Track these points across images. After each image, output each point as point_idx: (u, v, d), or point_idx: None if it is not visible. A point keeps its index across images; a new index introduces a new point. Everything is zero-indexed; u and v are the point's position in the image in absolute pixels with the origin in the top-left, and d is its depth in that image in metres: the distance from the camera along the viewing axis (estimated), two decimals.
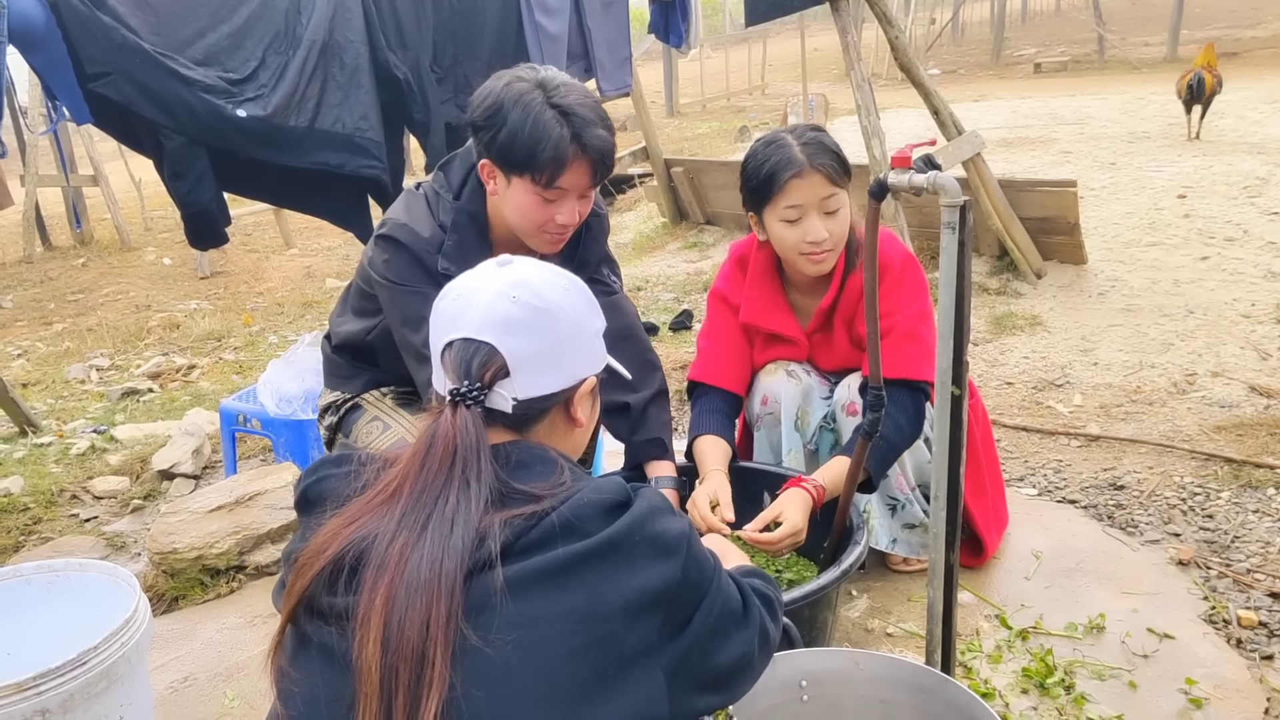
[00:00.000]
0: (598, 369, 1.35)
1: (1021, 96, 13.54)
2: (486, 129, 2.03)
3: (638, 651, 1.11)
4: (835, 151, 2.38)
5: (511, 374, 1.23)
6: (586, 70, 5.05)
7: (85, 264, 8.77)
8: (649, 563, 1.13)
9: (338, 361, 2.49)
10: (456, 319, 1.26)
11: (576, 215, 2.13)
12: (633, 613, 1.10)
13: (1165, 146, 8.66)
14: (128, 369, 5.68)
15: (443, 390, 1.25)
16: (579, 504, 1.14)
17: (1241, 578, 2.63)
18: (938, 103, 4.82)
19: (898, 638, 2.49)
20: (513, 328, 1.24)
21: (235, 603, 2.92)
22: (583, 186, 2.09)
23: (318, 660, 1.13)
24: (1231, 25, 19.03)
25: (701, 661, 1.18)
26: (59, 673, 1.75)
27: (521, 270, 1.31)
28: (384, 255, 2.18)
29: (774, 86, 19.54)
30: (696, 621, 1.17)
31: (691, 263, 6.66)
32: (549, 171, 2.01)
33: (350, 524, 1.15)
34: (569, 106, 2.00)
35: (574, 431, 1.34)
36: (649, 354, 2.48)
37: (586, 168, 2.05)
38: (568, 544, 1.11)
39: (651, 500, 1.19)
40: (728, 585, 1.24)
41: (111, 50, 3.30)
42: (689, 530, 1.20)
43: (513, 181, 2.06)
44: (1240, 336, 4.31)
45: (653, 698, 1.12)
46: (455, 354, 1.24)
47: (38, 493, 3.77)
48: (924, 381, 2.37)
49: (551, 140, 1.98)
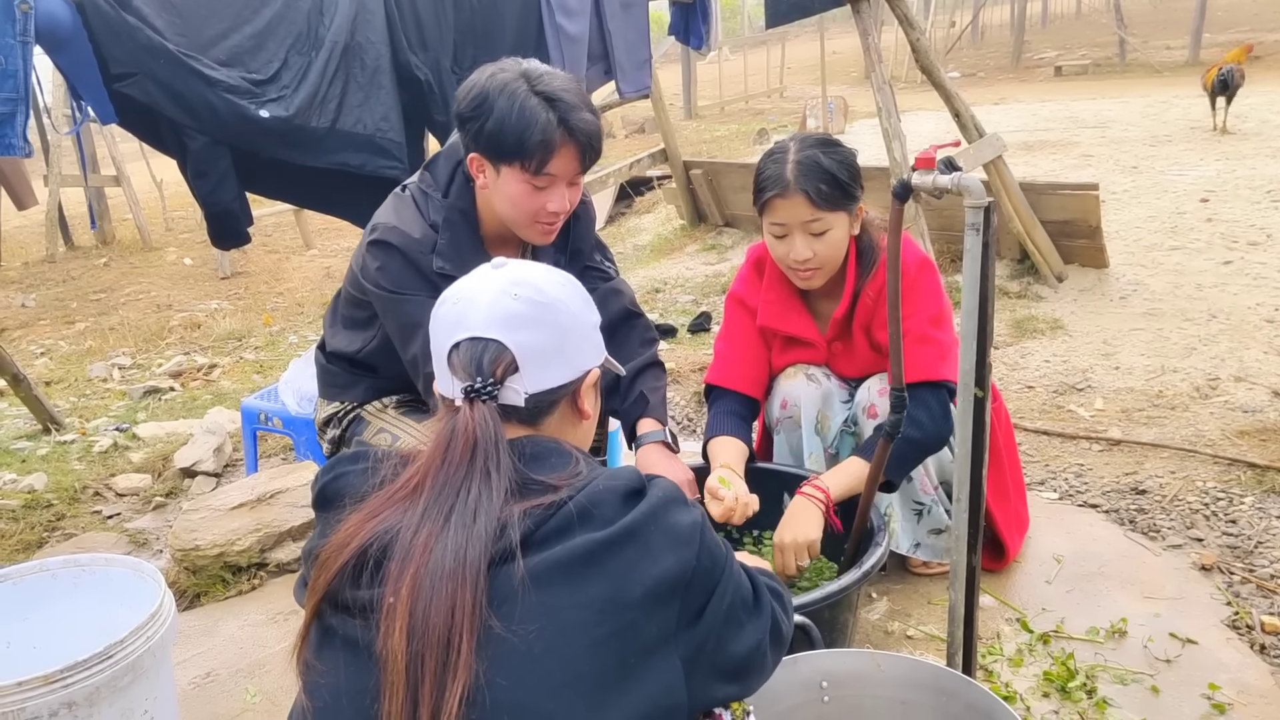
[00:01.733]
0: (599, 361, 1.38)
1: (1042, 100, 13.49)
2: (474, 120, 2.03)
3: (657, 640, 1.12)
4: (830, 173, 2.30)
5: (520, 369, 1.25)
6: (606, 72, 5.05)
7: (107, 264, 8.84)
8: (666, 551, 1.14)
9: (334, 370, 2.44)
10: (460, 320, 1.28)
11: (567, 203, 2.12)
12: (652, 601, 1.12)
13: (1187, 150, 8.61)
14: (149, 368, 5.71)
15: (450, 392, 1.26)
16: (595, 491, 1.16)
17: (1265, 584, 2.61)
18: (959, 105, 4.81)
19: (918, 640, 2.49)
20: (518, 323, 1.26)
21: (257, 600, 2.94)
22: (572, 172, 2.08)
23: (343, 653, 1.14)
24: (1255, 29, 18.88)
25: (717, 649, 1.19)
26: (85, 666, 1.76)
27: (519, 269, 1.33)
28: (377, 262, 2.16)
29: (793, 89, 19.51)
30: (711, 609, 1.18)
31: (710, 265, 6.66)
32: (538, 157, 2.01)
33: (372, 518, 1.17)
34: (554, 92, 2.00)
35: (581, 424, 1.37)
36: (649, 332, 2.51)
37: (575, 152, 2.04)
38: (585, 531, 1.13)
39: (665, 489, 1.20)
40: (739, 574, 1.26)
41: (136, 51, 3.32)
42: (701, 519, 1.21)
43: (502, 172, 2.06)
44: (1263, 341, 4.28)
45: (672, 686, 1.13)
46: (464, 353, 1.26)
47: (61, 490, 3.80)
48: (944, 381, 2.36)
49: (539, 125, 1.98)
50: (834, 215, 2.35)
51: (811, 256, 2.38)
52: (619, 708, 1.08)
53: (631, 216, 9.08)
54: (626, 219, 9.04)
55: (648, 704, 1.11)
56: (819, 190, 2.30)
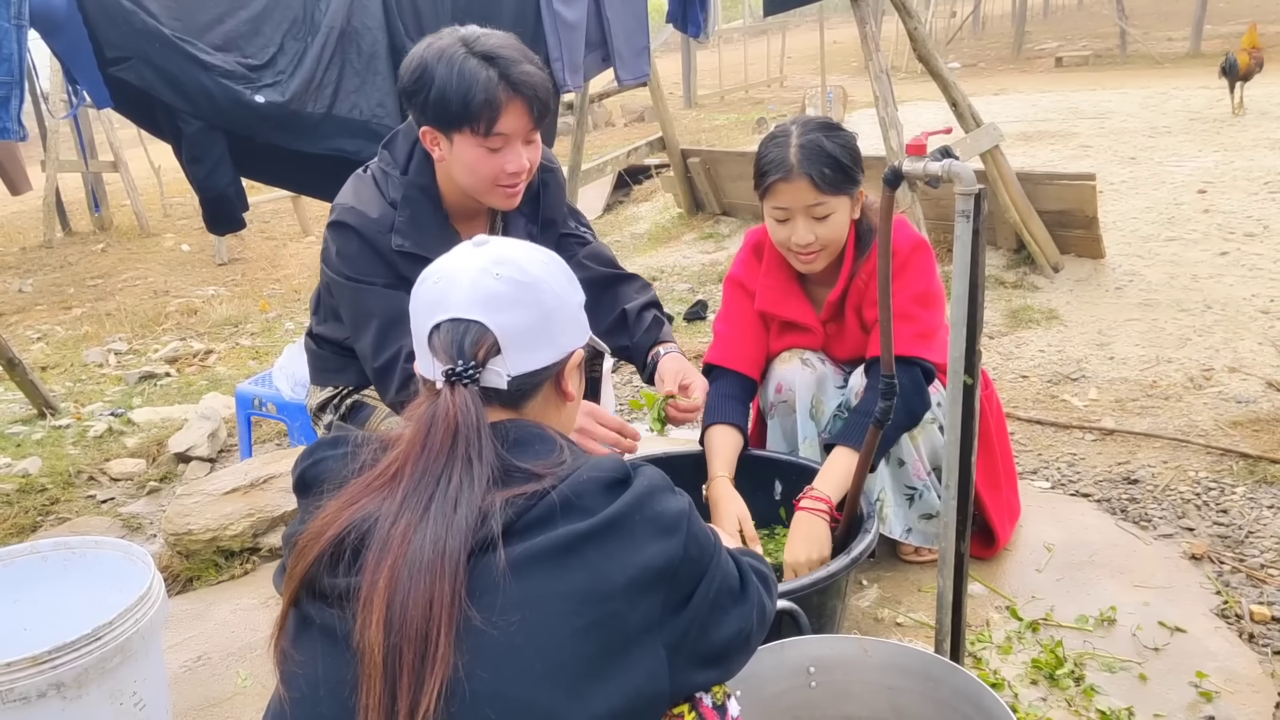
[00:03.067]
0: (583, 341, 1.36)
1: (1042, 90, 13.46)
2: (417, 92, 2.01)
3: (640, 629, 1.12)
4: (833, 157, 2.31)
5: (503, 350, 1.23)
6: (604, 59, 5.03)
7: (104, 249, 8.83)
8: (651, 540, 1.14)
9: (324, 355, 2.40)
10: (441, 300, 1.26)
11: (525, 161, 2.08)
12: (636, 590, 1.11)
13: (1186, 141, 8.60)
14: (145, 353, 5.72)
15: (431, 374, 1.24)
16: (578, 481, 1.15)
17: (1255, 573, 2.61)
18: (956, 95, 4.80)
19: (907, 627, 2.49)
20: (500, 304, 1.24)
21: (249, 584, 2.94)
22: (524, 129, 2.04)
23: (320, 642, 1.13)
24: (1258, 19, 18.77)
25: (701, 637, 1.18)
26: (74, 647, 1.77)
27: (501, 248, 1.31)
28: (334, 245, 2.15)
29: (792, 78, 19.47)
30: (697, 598, 1.18)
31: (707, 253, 6.66)
32: (485, 118, 1.98)
33: (349, 506, 1.16)
34: (491, 50, 1.98)
35: (565, 406, 1.35)
36: (643, 282, 2.51)
37: (523, 107, 2.01)
38: (568, 522, 1.12)
39: (651, 478, 1.19)
40: (726, 562, 1.25)
41: (131, 35, 3.31)
42: (689, 507, 1.20)
43: (455, 140, 2.03)
44: (1258, 332, 4.28)
45: (654, 673, 1.13)
46: (445, 335, 1.24)
47: (55, 474, 3.80)
48: (918, 359, 2.35)
49: (480, 85, 1.95)
50: (836, 199, 2.35)
51: (813, 240, 2.38)
52: (601, 696, 1.08)
53: (629, 205, 9.07)
54: (624, 207, 9.03)
55: (630, 691, 1.10)
56: (823, 174, 2.30)
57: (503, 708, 1.05)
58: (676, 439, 3.84)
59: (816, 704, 1.80)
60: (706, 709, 1.24)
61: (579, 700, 1.06)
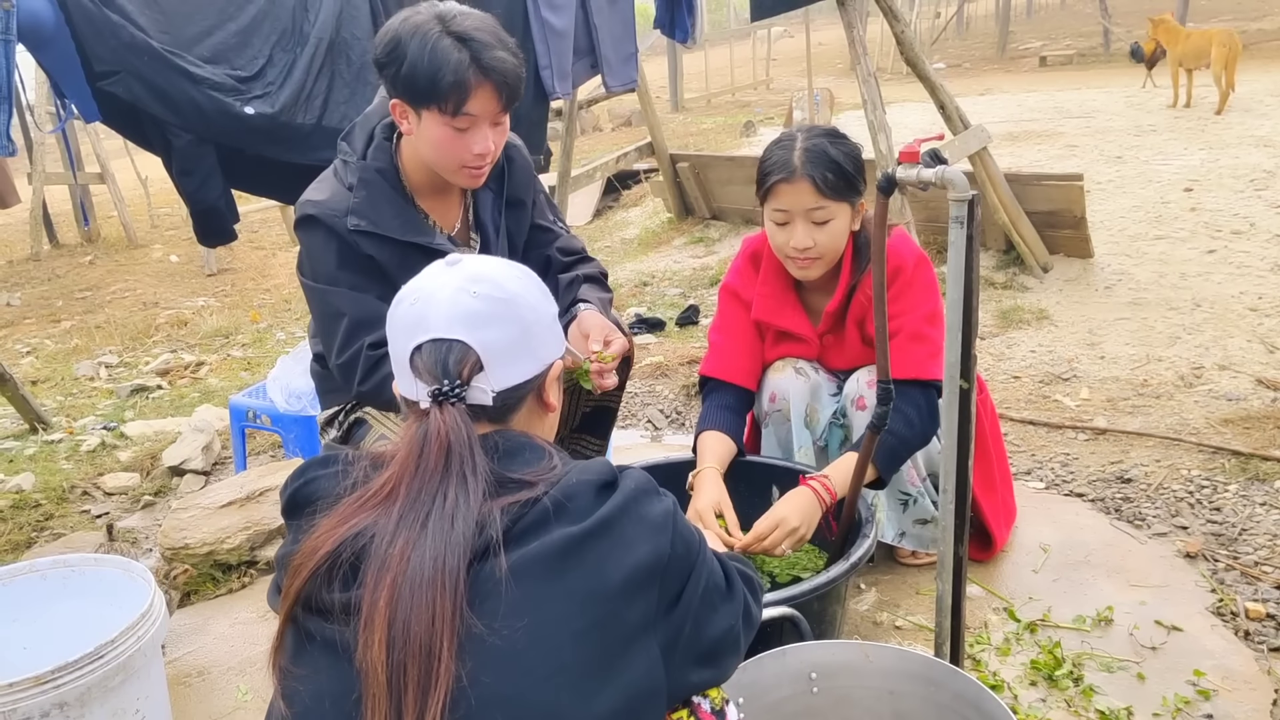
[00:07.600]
0: (561, 352, 1.38)
1: (1027, 90, 13.53)
2: (389, 65, 2.01)
3: (637, 628, 1.15)
4: (836, 162, 2.32)
5: (486, 367, 1.25)
6: (593, 66, 5.05)
7: (93, 261, 8.80)
8: (641, 540, 1.17)
9: (326, 374, 2.40)
10: (420, 321, 1.26)
11: (491, 144, 2.09)
12: (631, 590, 1.14)
13: (1171, 140, 8.66)
14: (136, 366, 5.70)
15: (414, 395, 1.25)
16: (569, 485, 1.18)
17: (1249, 570, 2.63)
18: (943, 97, 4.82)
19: (906, 631, 2.50)
20: (480, 321, 1.25)
21: (247, 598, 2.93)
22: (492, 112, 2.05)
23: (322, 657, 1.14)
24: (1238, 18, 18.94)
25: (694, 634, 1.22)
26: (76, 666, 1.77)
27: (475, 265, 1.32)
28: (303, 246, 2.17)
29: (779, 81, 19.51)
30: (687, 594, 1.21)
31: (697, 258, 6.67)
32: (454, 99, 1.98)
33: (344, 523, 1.16)
34: (466, 32, 1.98)
35: (547, 416, 1.37)
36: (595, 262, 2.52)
37: (491, 91, 2.01)
38: (561, 525, 1.14)
39: (637, 480, 1.22)
40: (712, 560, 1.29)
41: (120, 48, 3.31)
42: (673, 507, 1.23)
43: (423, 116, 2.04)
44: (1247, 329, 4.31)
45: (652, 671, 1.16)
46: (428, 356, 1.24)
47: (49, 489, 3.79)
48: (935, 380, 2.37)
49: (450, 66, 1.95)
50: (837, 205, 2.36)
51: (812, 245, 2.38)
52: (604, 695, 1.10)
53: (618, 210, 9.08)
54: (613, 212, 9.04)
55: (631, 690, 1.13)
56: (825, 178, 2.31)
57: (509, 711, 1.07)
58: (670, 445, 3.86)
59: (819, 710, 1.81)
60: (705, 714, 1.27)
61: (584, 700, 1.09)
